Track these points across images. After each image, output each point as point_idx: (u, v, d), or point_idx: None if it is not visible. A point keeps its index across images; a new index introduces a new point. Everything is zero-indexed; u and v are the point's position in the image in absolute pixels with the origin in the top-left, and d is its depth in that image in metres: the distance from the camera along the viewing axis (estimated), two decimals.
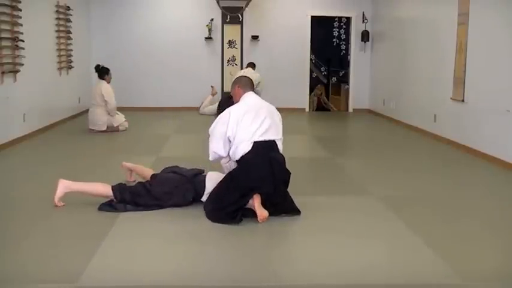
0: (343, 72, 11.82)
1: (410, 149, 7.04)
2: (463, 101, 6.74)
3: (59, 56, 8.55)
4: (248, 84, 4.12)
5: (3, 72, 6.37)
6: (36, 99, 7.50)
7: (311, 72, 11.62)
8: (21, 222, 3.78)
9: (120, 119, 8.03)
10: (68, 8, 8.87)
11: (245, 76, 4.40)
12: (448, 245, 3.43)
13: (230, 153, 3.90)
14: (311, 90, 11.44)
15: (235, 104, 4.03)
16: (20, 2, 6.78)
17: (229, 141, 3.87)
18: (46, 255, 3.16)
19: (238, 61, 10.81)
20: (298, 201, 4.38)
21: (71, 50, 9.09)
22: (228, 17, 10.63)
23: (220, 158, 4.01)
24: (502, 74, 5.87)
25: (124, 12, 10.56)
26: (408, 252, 3.28)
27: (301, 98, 11.09)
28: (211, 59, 10.72)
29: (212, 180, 4.09)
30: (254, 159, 3.75)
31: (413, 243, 3.44)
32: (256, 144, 3.78)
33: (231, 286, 2.84)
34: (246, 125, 3.81)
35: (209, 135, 4.01)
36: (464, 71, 6.68)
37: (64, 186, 4.05)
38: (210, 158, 4.01)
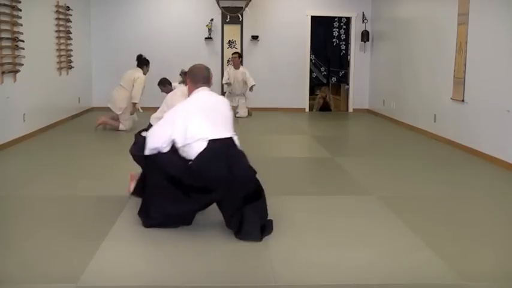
0: (343, 72, 11.82)
1: (410, 149, 7.04)
2: (463, 101, 6.74)
3: (59, 56, 8.55)
4: (201, 78, 3.81)
5: (3, 72, 6.37)
6: (36, 99, 7.50)
7: (311, 72, 11.62)
8: (21, 222, 3.78)
9: (127, 123, 7.97)
10: (68, 8, 8.87)
11: (198, 66, 3.96)
12: (448, 245, 3.43)
13: (184, 153, 3.57)
14: (311, 90, 11.44)
15: (185, 101, 3.78)
16: (20, 2, 6.78)
17: (175, 140, 3.57)
18: (46, 255, 3.16)
19: None
20: (298, 201, 4.39)
21: (71, 50, 9.09)
22: (228, 17, 10.62)
23: (160, 151, 3.62)
24: (502, 74, 5.87)
25: (124, 13, 10.57)
26: (408, 252, 3.29)
27: (301, 98, 11.08)
28: (211, 59, 10.70)
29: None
30: (210, 158, 3.47)
31: (413, 243, 3.44)
32: (212, 143, 3.50)
33: (230, 286, 2.84)
34: (197, 123, 3.54)
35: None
36: (464, 71, 6.68)
37: None
38: (147, 153, 3.63)
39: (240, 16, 10.64)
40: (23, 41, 6.84)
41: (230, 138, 3.62)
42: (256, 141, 7.58)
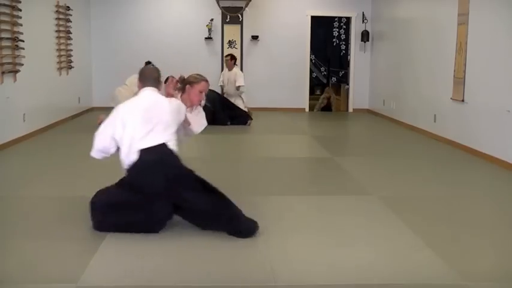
0: (343, 72, 11.82)
1: (410, 149, 7.04)
2: (463, 101, 6.74)
3: (59, 56, 8.55)
4: (149, 79, 3.71)
5: (3, 72, 6.37)
6: (36, 99, 7.50)
7: (311, 72, 11.62)
8: (21, 222, 3.78)
9: None
10: (68, 8, 8.87)
11: (150, 67, 3.93)
12: (448, 245, 3.43)
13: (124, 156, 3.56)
14: (311, 90, 11.43)
15: (128, 100, 3.74)
16: (20, 2, 6.78)
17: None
18: (46, 255, 3.16)
19: (238, 61, 10.79)
20: (298, 201, 4.39)
21: (71, 50, 9.09)
22: (228, 17, 10.62)
23: (108, 153, 3.67)
24: (502, 74, 5.86)
25: (124, 12, 10.57)
26: (408, 252, 3.28)
27: (301, 98, 11.07)
28: (211, 59, 10.72)
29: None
30: (142, 170, 3.46)
31: (413, 243, 3.44)
32: (144, 153, 3.45)
33: (230, 286, 2.84)
34: (131, 130, 3.49)
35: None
36: (464, 71, 6.68)
37: None
38: (94, 155, 3.70)
39: (240, 16, 10.63)
40: (23, 41, 6.84)
41: (163, 145, 3.51)
42: (256, 141, 7.59)
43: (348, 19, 11.38)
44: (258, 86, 10.63)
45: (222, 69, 10.62)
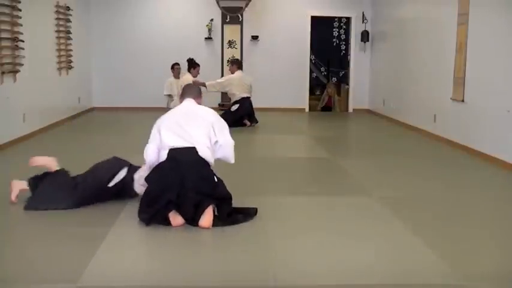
0: (343, 72, 11.82)
1: (410, 149, 7.04)
2: (463, 101, 6.74)
3: (59, 56, 8.55)
4: (188, 92, 4.11)
5: (3, 72, 6.37)
6: (36, 99, 7.50)
7: (311, 72, 11.62)
8: (21, 222, 3.78)
9: None
10: (68, 8, 8.87)
11: (189, 85, 4.47)
12: (448, 245, 3.43)
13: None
14: (311, 90, 11.44)
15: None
16: (20, 2, 6.78)
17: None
18: (46, 255, 3.16)
19: None
20: (298, 201, 4.39)
21: (71, 50, 9.09)
22: (228, 17, 10.63)
23: (150, 161, 3.93)
24: (502, 74, 5.86)
25: (124, 13, 10.57)
26: (408, 252, 3.29)
27: (301, 98, 11.08)
28: (211, 59, 10.72)
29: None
30: (163, 166, 3.72)
31: (413, 243, 3.44)
32: (171, 152, 3.72)
33: (230, 286, 2.84)
34: (166, 132, 3.80)
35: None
36: (464, 71, 6.68)
37: None
38: (149, 171, 3.93)
39: (240, 16, 10.64)
40: (23, 41, 6.84)
41: (191, 148, 3.72)
42: (256, 141, 7.59)
43: (348, 19, 11.39)
44: (258, 86, 10.61)
45: (222, 69, 10.65)
